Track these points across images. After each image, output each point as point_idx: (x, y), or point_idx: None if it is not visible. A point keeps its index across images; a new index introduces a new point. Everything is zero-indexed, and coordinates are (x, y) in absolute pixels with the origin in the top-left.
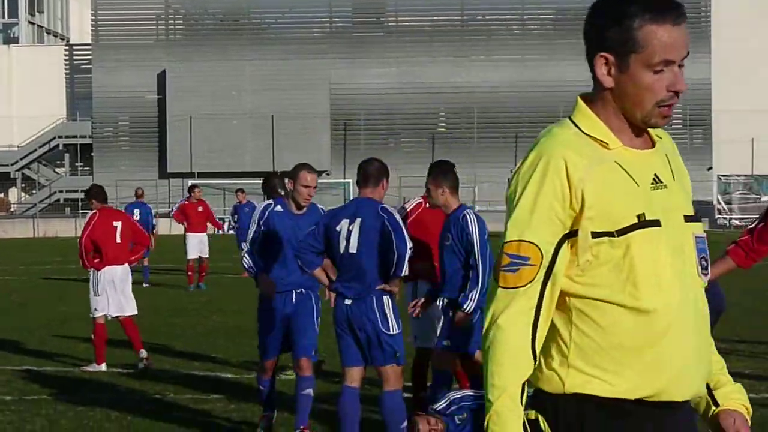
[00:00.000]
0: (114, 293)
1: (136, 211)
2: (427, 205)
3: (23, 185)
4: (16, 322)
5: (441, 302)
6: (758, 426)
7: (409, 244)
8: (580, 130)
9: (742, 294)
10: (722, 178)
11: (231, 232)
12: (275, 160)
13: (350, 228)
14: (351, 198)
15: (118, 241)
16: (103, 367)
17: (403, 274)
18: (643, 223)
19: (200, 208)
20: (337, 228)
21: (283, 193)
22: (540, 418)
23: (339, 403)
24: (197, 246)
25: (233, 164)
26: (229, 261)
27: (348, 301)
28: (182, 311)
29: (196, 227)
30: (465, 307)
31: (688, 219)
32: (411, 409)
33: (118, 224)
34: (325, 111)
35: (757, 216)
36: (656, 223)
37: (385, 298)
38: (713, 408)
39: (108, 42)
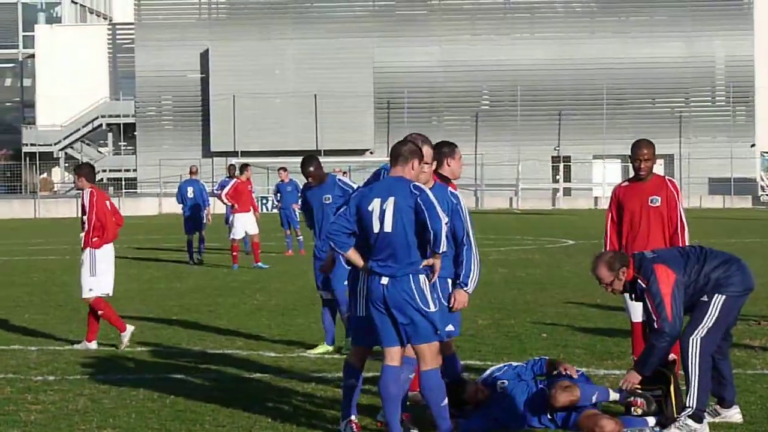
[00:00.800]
0: (110, 271)
1: (190, 189)
2: None
3: (66, 165)
4: (60, 301)
5: None
6: None
7: (444, 220)
8: None
9: None
10: (765, 154)
11: (274, 210)
12: (318, 138)
13: (383, 207)
14: None
15: (113, 219)
16: (130, 327)
17: (441, 251)
18: None
19: (250, 187)
20: (369, 208)
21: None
22: None
23: (380, 383)
24: (245, 225)
25: (276, 143)
26: (273, 240)
27: (384, 281)
28: (226, 290)
29: (246, 206)
30: (469, 288)
31: None
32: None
33: (108, 203)
34: (369, 90)
35: None
36: None
37: (422, 276)
38: None
39: (151, 21)
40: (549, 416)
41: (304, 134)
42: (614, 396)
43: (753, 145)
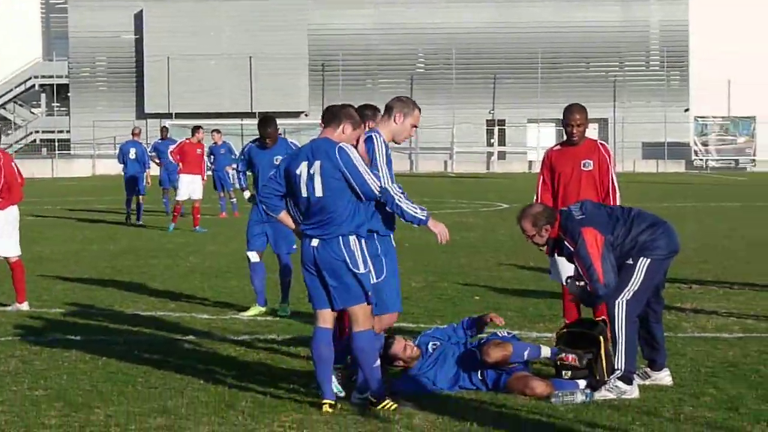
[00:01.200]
0: (13, 232)
1: (132, 150)
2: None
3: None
4: None
5: None
6: (731, 365)
7: (371, 182)
8: None
9: (714, 235)
10: (699, 119)
11: (208, 173)
12: (253, 101)
13: (311, 171)
14: None
15: (19, 180)
16: None
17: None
18: None
19: (199, 150)
20: (297, 171)
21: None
22: None
23: (312, 345)
24: (189, 187)
25: (211, 105)
26: (207, 202)
27: (314, 243)
28: (159, 252)
29: (191, 168)
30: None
31: None
32: None
33: (14, 164)
34: (304, 52)
35: (732, 158)
36: None
37: (352, 237)
38: None
39: None
40: (480, 377)
41: (238, 96)
42: (546, 352)
43: (687, 110)
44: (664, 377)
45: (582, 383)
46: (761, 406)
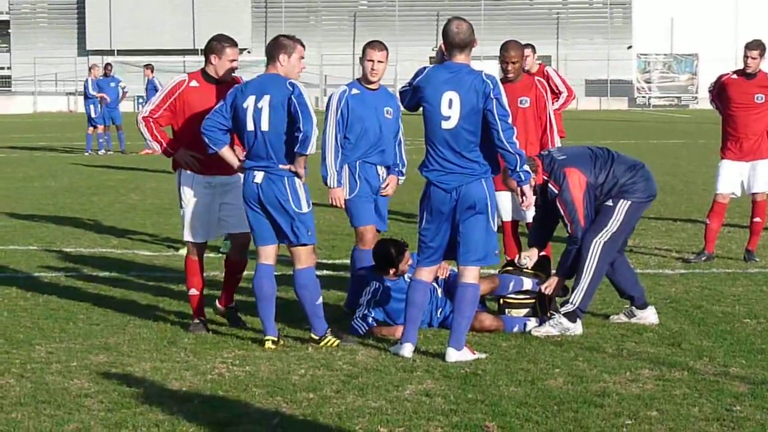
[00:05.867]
0: None
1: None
2: None
3: None
4: None
5: None
6: (673, 301)
7: (314, 120)
8: None
9: (656, 172)
10: (642, 57)
11: None
12: (195, 37)
13: (259, 105)
14: None
15: None
16: None
17: (308, 152)
18: None
19: None
20: (245, 105)
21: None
22: None
23: (254, 281)
24: None
25: (153, 41)
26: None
27: (258, 179)
28: (101, 189)
29: None
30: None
31: None
32: None
33: None
34: None
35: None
36: None
37: (297, 177)
38: None
39: None
40: (438, 314)
41: (180, 33)
42: (528, 284)
43: (630, 47)
44: (649, 315)
45: (531, 322)
46: (703, 342)
